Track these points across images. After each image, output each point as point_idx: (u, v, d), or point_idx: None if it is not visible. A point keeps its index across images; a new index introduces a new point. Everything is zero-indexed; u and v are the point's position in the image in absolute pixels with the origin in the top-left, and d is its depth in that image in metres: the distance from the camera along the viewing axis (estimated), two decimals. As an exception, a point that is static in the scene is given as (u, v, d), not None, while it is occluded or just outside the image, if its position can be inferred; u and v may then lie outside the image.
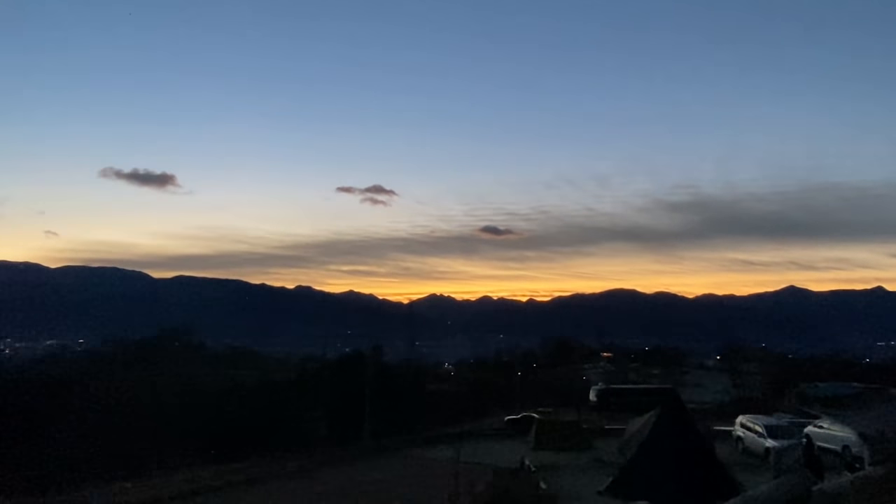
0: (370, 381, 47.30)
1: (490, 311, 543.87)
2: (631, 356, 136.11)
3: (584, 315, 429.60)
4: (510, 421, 50.51)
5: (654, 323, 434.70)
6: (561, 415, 55.10)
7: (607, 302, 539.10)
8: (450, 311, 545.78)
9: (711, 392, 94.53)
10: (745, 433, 31.62)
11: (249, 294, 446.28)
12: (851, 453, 26.16)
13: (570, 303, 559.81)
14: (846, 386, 68.81)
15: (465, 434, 39.60)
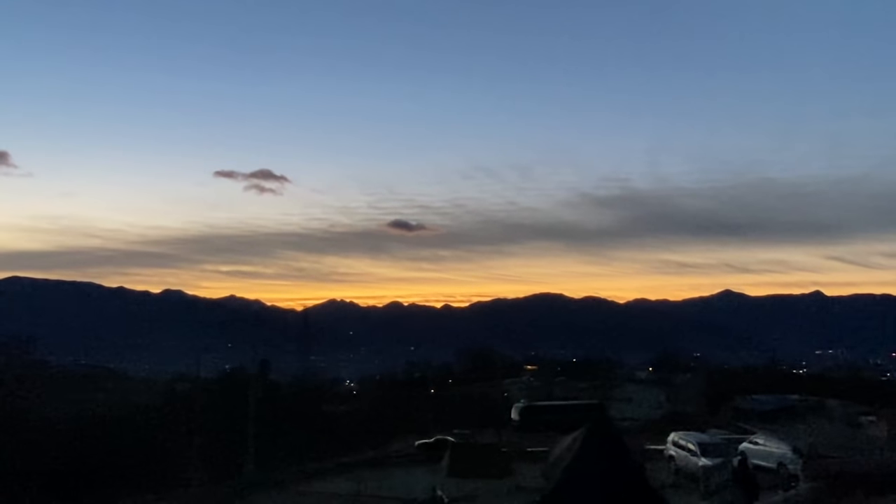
0: (255, 403, 46.07)
1: (399, 318, 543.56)
2: (557, 369, 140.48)
3: (505, 323, 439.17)
4: (421, 446, 50.69)
5: (583, 331, 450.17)
6: (479, 437, 56.10)
7: (531, 308, 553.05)
8: (352, 320, 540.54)
9: (643, 407, 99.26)
10: (677, 452, 33.32)
11: (104, 300, 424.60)
12: (787, 470, 28.23)
13: (491, 309, 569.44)
14: (783, 398, 74.43)
15: (368, 462, 39.41)
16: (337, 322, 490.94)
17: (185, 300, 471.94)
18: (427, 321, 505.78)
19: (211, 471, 44.50)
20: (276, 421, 59.68)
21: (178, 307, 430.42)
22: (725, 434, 45.32)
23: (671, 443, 34.31)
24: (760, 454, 30.80)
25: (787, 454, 28.45)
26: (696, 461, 30.08)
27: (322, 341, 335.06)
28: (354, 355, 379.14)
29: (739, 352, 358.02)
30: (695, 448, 31.14)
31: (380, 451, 51.53)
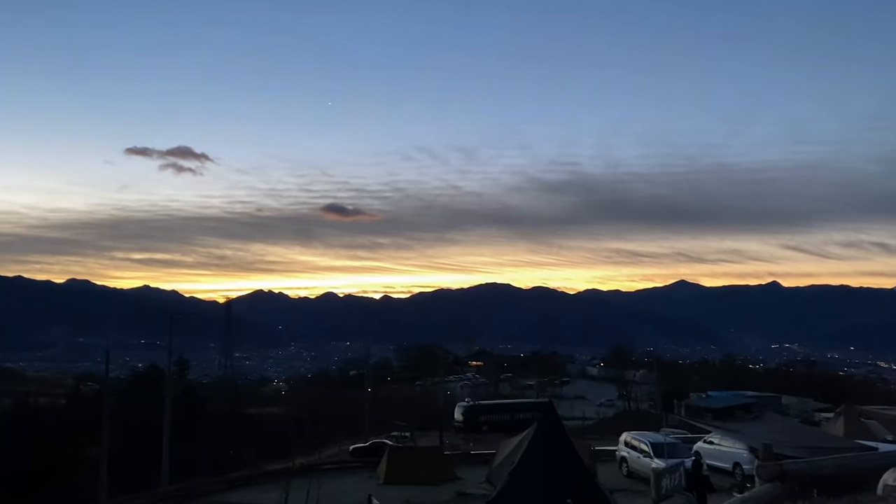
0: (171, 405, 44.98)
1: (334, 311, 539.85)
2: (504, 365, 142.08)
3: (449, 315, 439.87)
4: (357, 450, 50.57)
5: (532, 324, 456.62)
6: (419, 440, 56.22)
7: (477, 299, 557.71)
8: (282, 313, 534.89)
9: (595, 405, 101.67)
10: (629, 452, 34.04)
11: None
12: (742, 471, 29.15)
13: (433, 300, 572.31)
14: (739, 395, 77.09)
15: (298, 470, 38.96)
16: (264, 315, 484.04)
17: (93, 291, 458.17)
18: (364, 314, 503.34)
19: (121, 482, 43.36)
20: (196, 425, 58.58)
21: (84, 299, 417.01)
22: (680, 433, 46.60)
23: (623, 443, 35.01)
24: (715, 454, 31.72)
25: (743, 454, 29.38)
26: (648, 462, 30.78)
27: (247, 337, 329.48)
28: (283, 352, 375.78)
29: (695, 346, 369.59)
30: (647, 448, 31.84)
31: (311, 457, 51.03)
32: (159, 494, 39.28)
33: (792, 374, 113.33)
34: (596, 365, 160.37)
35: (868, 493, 10.57)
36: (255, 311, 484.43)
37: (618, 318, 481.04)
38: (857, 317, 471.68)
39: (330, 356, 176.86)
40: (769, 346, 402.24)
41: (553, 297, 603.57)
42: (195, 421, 60.01)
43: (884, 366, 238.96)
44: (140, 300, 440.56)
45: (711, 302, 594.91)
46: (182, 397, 65.31)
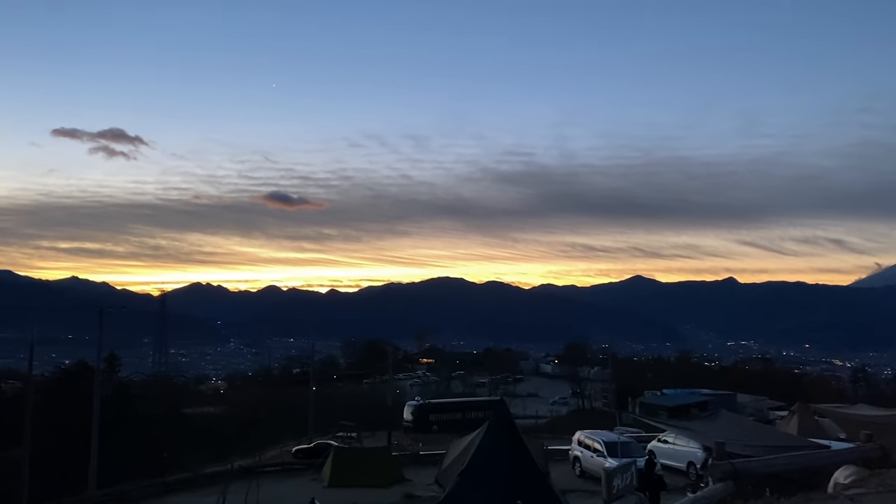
0: (100, 405, 44.09)
1: (277, 306, 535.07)
2: (456, 362, 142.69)
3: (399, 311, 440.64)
4: (300, 451, 50.34)
5: (485, 320, 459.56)
6: (366, 440, 56.23)
7: (428, 294, 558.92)
8: (221, 307, 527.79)
9: (548, 403, 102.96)
10: (583, 452, 34.60)
11: None
12: (697, 471, 29.89)
13: (383, 295, 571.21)
14: (694, 393, 78.96)
15: (236, 473, 38.57)
16: (201, 310, 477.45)
17: (15, 282, 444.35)
18: (309, 309, 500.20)
19: (45, 487, 42.43)
20: (127, 426, 57.59)
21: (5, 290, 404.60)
22: (634, 432, 47.50)
23: (576, 442, 35.56)
24: (669, 454, 32.47)
25: (697, 453, 30.13)
26: (601, 462, 31.32)
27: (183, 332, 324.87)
28: (222, 348, 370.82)
29: (650, 342, 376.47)
30: (601, 448, 32.42)
31: (251, 458, 50.59)
32: (86, 499, 38.53)
33: (747, 372, 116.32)
34: (550, 362, 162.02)
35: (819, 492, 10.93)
36: (192, 305, 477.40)
37: (573, 313, 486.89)
38: (812, 314, 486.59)
39: (272, 353, 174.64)
40: (725, 343, 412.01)
41: (507, 292, 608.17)
42: (126, 421, 59.00)
43: (839, 364, 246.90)
44: (67, 292, 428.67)
45: (667, 298, 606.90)
46: (112, 396, 64.12)
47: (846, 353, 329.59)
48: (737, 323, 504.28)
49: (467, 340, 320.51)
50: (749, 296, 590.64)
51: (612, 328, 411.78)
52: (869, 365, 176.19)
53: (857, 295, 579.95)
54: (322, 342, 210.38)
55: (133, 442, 54.14)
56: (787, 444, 26.23)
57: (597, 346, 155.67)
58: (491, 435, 24.05)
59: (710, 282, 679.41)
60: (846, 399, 72.98)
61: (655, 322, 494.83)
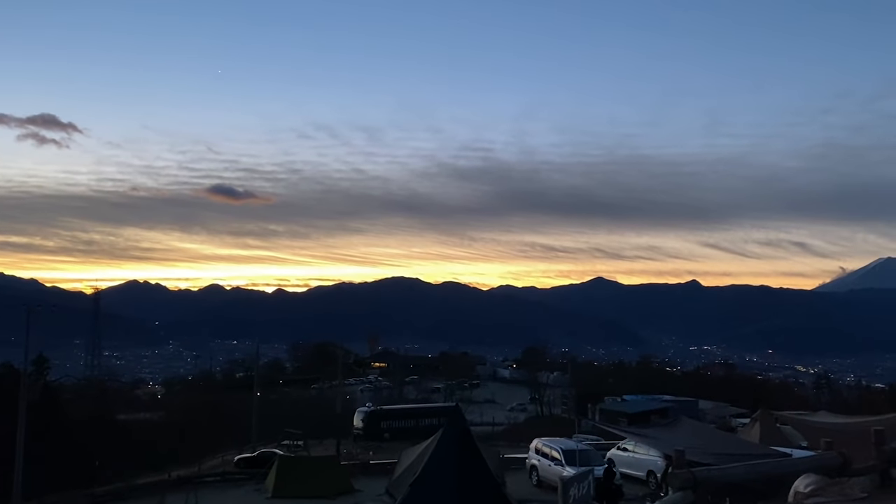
0: (26, 410, 43.05)
1: (219, 305, 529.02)
2: (410, 366, 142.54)
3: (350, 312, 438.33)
4: (242, 461, 49.88)
5: (441, 323, 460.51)
6: (313, 449, 55.87)
7: (381, 294, 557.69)
8: (159, 307, 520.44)
9: (505, 409, 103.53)
10: (540, 460, 34.85)
11: None
12: (656, 479, 30.33)
13: (333, 295, 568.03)
14: (655, 399, 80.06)
15: (174, 483, 38.10)
16: (138, 309, 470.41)
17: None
18: (254, 309, 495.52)
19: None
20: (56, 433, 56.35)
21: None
22: (593, 439, 48.04)
23: (534, 450, 35.81)
24: (629, 462, 32.89)
25: (658, 462, 30.60)
26: (559, 470, 31.59)
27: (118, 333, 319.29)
28: (160, 351, 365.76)
29: (611, 346, 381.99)
30: (559, 456, 32.69)
31: (190, 468, 49.94)
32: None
33: (709, 378, 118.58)
34: (508, 366, 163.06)
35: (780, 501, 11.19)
36: (128, 304, 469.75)
37: (532, 316, 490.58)
38: (776, 319, 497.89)
39: (214, 356, 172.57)
40: (687, 347, 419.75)
41: (464, 293, 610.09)
42: (55, 428, 57.72)
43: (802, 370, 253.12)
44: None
45: (629, 301, 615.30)
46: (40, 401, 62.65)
47: (809, 358, 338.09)
48: (699, 327, 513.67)
49: (422, 344, 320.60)
50: (712, 299, 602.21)
51: (573, 331, 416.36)
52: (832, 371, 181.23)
53: (821, 300, 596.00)
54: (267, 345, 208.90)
55: (61, 451, 53.02)
56: (747, 452, 26.82)
57: (556, 350, 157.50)
58: (445, 443, 24.13)
59: (673, 284, 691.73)
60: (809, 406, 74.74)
61: (617, 325, 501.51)
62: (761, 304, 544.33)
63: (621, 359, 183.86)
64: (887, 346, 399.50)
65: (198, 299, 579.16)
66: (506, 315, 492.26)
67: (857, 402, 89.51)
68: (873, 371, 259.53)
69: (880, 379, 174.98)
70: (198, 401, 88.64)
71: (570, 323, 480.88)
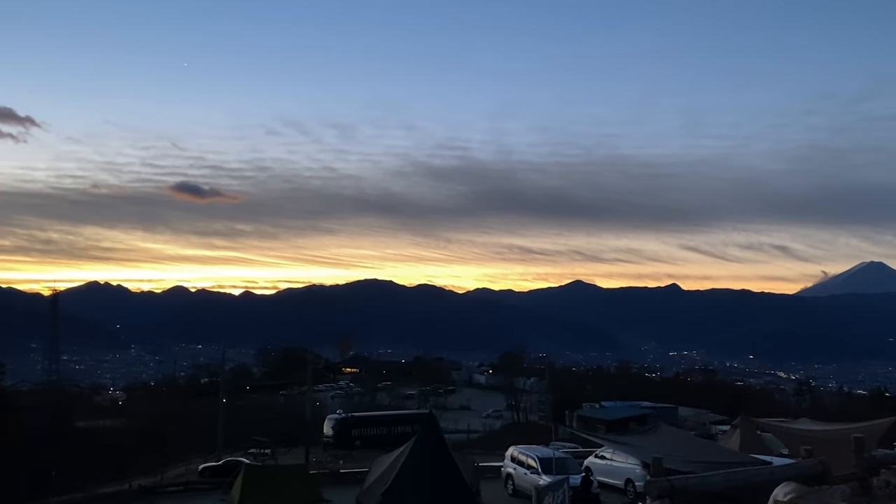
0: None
1: (184, 308, 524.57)
2: (382, 371, 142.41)
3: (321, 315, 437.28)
4: (207, 470, 49.51)
5: (415, 327, 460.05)
6: (281, 457, 55.59)
7: (354, 297, 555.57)
8: (120, 309, 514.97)
9: (481, 416, 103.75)
10: (516, 469, 34.96)
11: None
12: (634, 488, 30.53)
13: (303, 298, 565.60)
14: (634, 406, 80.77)
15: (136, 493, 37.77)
16: (99, 311, 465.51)
17: None
18: (220, 312, 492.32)
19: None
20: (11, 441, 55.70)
21: None
22: (571, 447, 48.27)
23: (509, 458, 35.92)
24: (607, 470, 33.10)
25: (636, 470, 30.81)
26: (535, 479, 31.71)
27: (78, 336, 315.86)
28: (122, 355, 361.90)
29: (590, 351, 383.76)
30: (535, 464, 32.82)
31: (154, 478, 49.53)
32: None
33: (689, 384, 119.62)
34: (484, 372, 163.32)
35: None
36: (88, 306, 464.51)
37: (509, 320, 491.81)
38: (757, 324, 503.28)
39: (178, 361, 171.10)
40: (667, 352, 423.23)
41: (439, 296, 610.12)
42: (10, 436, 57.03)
43: (783, 376, 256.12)
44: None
45: (608, 304, 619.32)
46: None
47: (791, 364, 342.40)
48: (679, 331, 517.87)
49: (395, 348, 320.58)
50: (692, 303, 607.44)
51: (551, 336, 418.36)
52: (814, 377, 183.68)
53: (803, 304, 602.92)
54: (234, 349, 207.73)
55: (17, 460, 52.36)
56: (727, 460, 27.08)
57: (534, 355, 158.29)
58: (418, 451, 24.10)
59: (653, 288, 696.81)
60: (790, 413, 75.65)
61: (595, 330, 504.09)
62: (742, 309, 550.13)
63: (600, 364, 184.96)
64: (870, 351, 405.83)
65: (161, 302, 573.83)
66: (482, 319, 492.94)
67: (839, 408, 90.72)
68: (855, 377, 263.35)
69: (862, 385, 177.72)
70: (161, 407, 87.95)
71: (548, 327, 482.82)
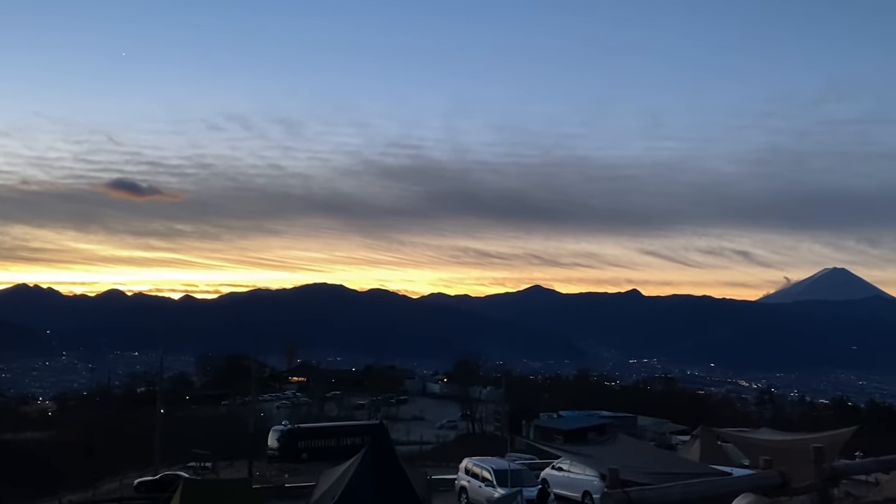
0: None
1: (120, 313, 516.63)
2: (332, 381, 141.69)
3: (266, 321, 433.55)
4: (143, 484, 49.02)
5: (367, 333, 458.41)
6: (223, 471, 55.08)
7: (301, 302, 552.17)
8: (51, 314, 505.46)
9: (434, 427, 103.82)
10: (470, 481, 35.07)
11: None
12: (592, 500, 30.82)
13: (247, 303, 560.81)
14: (593, 415, 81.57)
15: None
16: (28, 316, 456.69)
17: None
18: (158, 317, 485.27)
19: None
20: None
21: None
22: (527, 458, 48.55)
23: (463, 470, 36.04)
24: (564, 482, 33.35)
25: (594, 482, 31.09)
26: (490, 492, 31.86)
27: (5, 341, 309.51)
28: (52, 362, 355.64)
29: (548, 358, 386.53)
30: (490, 476, 32.97)
31: (84, 493, 48.83)
32: None
33: (649, 393, 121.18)
34: (438, 381, 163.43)
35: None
36: (16, 310, 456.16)
37: (465, 326, 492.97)
38: (718, 331, 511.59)
39: (113, 369, 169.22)
40: (627, 360, 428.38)
41: (392, 301, 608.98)
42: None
43: (744, 384, 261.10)
44: None
45: (567, 310, 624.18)
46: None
47: (753, 372, 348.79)
48: (639, 338, 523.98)
49: (345, 356, 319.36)
50: (653, 309, 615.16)
51: (508, 343, 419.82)
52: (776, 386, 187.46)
53: (766, 311, 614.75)
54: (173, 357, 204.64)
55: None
56: (686, 471, 27.50)
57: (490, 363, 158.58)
58: (367, 464, 24.06)
59: (613, 294, 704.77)
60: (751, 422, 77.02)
61: (554, 337, 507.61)
62: (703, 316, 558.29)
63: (558, 372, 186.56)
64: (833, 360, 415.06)
65: (95, 306, 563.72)
66: (436, 325, 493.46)
67: (801, 418, 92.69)
68: (818, 386, 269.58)
69: (825, 394, 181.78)
70: (94, 418, 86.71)
71: (505, 334, 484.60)
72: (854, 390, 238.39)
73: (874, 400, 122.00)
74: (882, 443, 48.86)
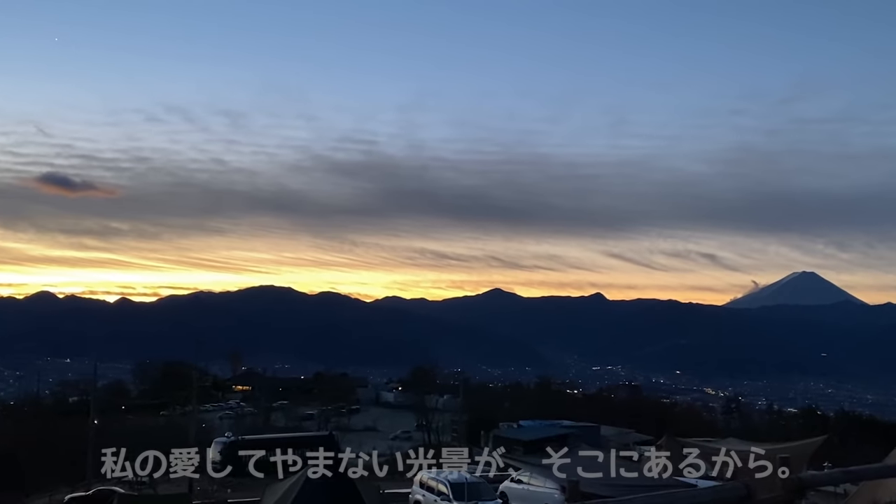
0: None
1: (50, 317, 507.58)
2: (279, 389, 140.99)
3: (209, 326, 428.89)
4: (74, 500, 48.42)
5: (317, 339, 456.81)
6: (161, 486, 54.52)
7: (245, 306, 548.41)
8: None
9: (388, 438, 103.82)
10: (425, 496, 35.21)
11: None
12: (552, 514, 31.12)
13: (189, 307, 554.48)
14: (554, 425, 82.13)
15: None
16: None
17: None
18: (93, 321, 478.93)
19: None
20: None
21: None
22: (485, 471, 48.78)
23: (418, 483, 36.12)
24: (524, 495, 33.61)
25: (555, 494, 31.38)
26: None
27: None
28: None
29: (508, 365, 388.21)
30: (446, 490, 33.12)
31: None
32: None
33: (613, 401, 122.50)
34: (393, 389, 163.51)
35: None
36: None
37: (421, 332, 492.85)
38: (684, 336, 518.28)
39: (42, 376, 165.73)
40: (590, 367, 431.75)
41: (343, 305, 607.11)
42: None
43: (711, 392, 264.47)
44: None
45: (528, 315, 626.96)
46: None
47: (719, 380, 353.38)
48: (603, 344, 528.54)
49: (293, 363, 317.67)
50: (617, 314, 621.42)
51: (466, 349, 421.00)
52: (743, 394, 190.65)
53: (733, 316, 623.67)
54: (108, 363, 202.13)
55: None
56: (648, 483, 27.85)
57: (447, 370, 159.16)
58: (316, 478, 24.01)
59: (576, 298, 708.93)
60: (718, 432, 78.24)
61: (514, 342, 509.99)
62: (669, 321, 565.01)
63: (519, 380, 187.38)
64: (802, 367, 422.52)
65: (23, 309, 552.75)
66: (391, 330, 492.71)
67: (769, 427, 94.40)
68: (786, 394, 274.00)
69: (793, 403, 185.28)
70: (22, 430, 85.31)
71: (463, 340, 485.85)
72: (823, 398, 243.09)
73: (844, 409, 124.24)
74: (852, 453, 49.96)
